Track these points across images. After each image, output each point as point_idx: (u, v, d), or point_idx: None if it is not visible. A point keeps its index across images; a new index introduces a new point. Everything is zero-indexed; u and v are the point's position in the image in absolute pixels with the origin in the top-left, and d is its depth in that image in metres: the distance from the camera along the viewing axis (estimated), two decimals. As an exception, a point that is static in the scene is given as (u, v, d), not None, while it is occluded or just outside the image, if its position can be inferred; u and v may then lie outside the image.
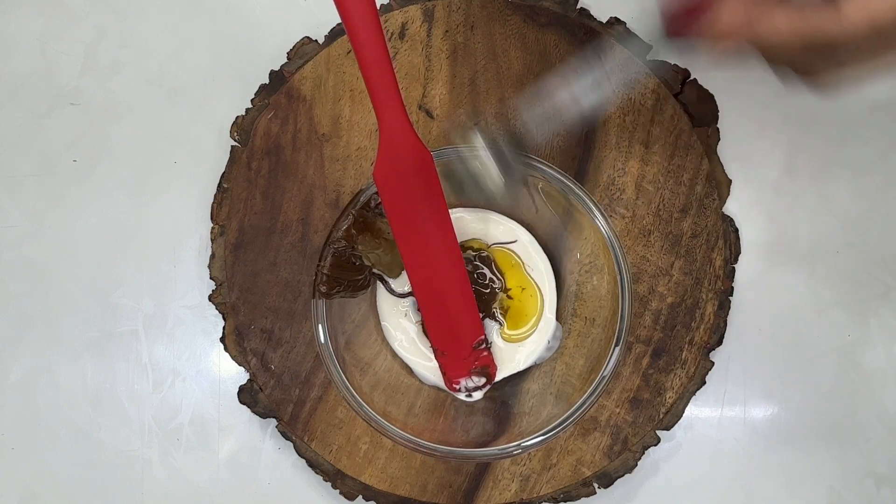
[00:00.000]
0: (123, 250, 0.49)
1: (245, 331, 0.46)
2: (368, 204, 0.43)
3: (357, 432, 0.46)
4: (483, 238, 0.47)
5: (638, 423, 0.46)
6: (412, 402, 0.46)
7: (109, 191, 0.49)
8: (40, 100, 0.49)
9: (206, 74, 0.49)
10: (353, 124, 0.47)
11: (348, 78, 0.47)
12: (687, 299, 0.46)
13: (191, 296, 0.48)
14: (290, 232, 0.47)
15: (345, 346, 0.45)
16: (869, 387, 0.48)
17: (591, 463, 0.46)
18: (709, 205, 0.47)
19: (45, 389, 0.48)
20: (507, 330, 0.46)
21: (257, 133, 0.47)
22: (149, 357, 0.48)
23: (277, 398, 0.46)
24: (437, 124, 0.47)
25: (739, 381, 0.48)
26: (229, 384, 0.48)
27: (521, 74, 0.47)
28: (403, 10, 0.47)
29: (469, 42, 0.47)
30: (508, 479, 0.46)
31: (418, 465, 0.46)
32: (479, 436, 0.45)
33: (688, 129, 0.46)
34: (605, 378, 0.42)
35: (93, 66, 0.50)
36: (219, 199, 0.47)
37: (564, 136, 0.47)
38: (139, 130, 0.49)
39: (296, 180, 0.47)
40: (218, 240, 0.47)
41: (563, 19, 0.47)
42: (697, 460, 0.48)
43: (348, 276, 0.45)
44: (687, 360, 0.46)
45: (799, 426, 0.48)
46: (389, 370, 0.46)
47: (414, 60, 0.47)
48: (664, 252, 0.46)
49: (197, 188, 0.48)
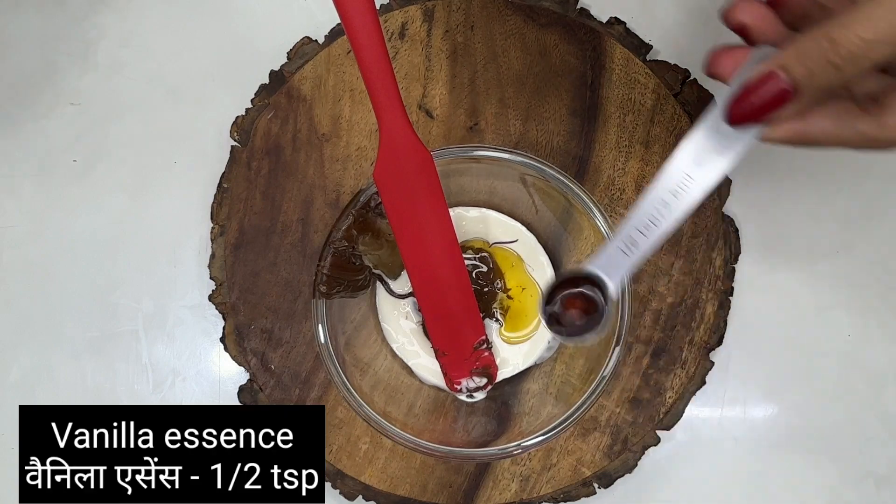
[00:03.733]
0: (123, 250, 0.49)
1: (245, 331, 0.46)
2: (368, 204, 0.43)
3: (357, 432, 0.46)
4: (483, 238, 0.47)
5: (638, 423, 0.46)
6: (412, 402, 0.46)
7: (109, 191, 0.49)
8: (40, 100, 0.49)
9: (206, 74, 0.49)
10: (353, 124, 0.47)
11: (348, 78, 0.47)
12: (687, 299, 0.46)
13: (191, 296, 0.48)
14: (290, 232, 0.47)
15: (345, 346, 0.45)
16: (869, 387, 0.48)
17: (591, 463, 0.46)
18: (709, 205, 0.47)
19: (45, 389, 0.48)
20: (508, 330, 0.46)
21: (257, 133, 0.47)
22: (149, 357, 0.48)
23: (277, 398, 0.46)
24: (437, 124, 0.47)
25: (739, 381, 0.48)
26: (229, 384, 0.48)
27: (521, 74, 0.47)
28: (403, 10, 0.47)
29: (469, 42, 0.47)
30: (508, 479, 0.46)
31: (418, 465, 0.46)
32: (479, 436, 0.45)
33: (688, 129, 0.46)
34: (605, 378, 0.42)
35: (93, 66, 0.50)
36: (219, 199, 0.47)
37: (564, 135, 0.47)
38: (139, 130, 0.49)
39: (296, 180, 0.47)
40: (218, 240, 0.47)
41: (563, 19, 0.47)
42: (697, 460, 0.48)
43: (348, 276, 0.45)
44: (687, 360, 0.46)
45: (799, 426, 0.48)
46: (389, 370, 0.46)
47: (414, 60, 0.47)
48: (664, 252, 0.46)
49: (197, 188, 0.48)
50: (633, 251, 0.32)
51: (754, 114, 0.29)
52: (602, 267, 0.33)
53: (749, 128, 0.30)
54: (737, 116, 0.30)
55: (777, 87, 0.28)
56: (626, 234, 0.32)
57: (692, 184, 0.31)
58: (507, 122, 0.47)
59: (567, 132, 0.47)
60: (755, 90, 0.29)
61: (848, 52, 0.26)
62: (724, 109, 0.30)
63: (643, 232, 0.32)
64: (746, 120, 0.30)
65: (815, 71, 0.27)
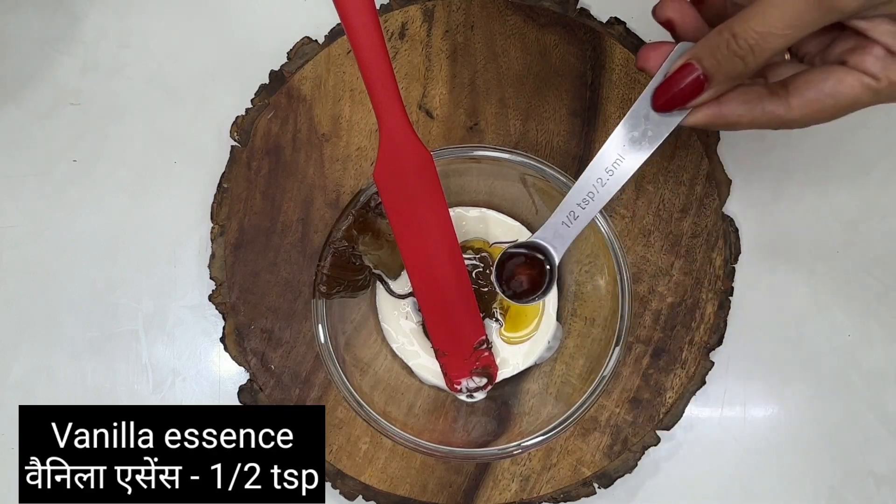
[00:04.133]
0: (123, 250, 0.49)
1: (245, 331, 0.46)
2: (368, 204, 0.43)
3: (357, 432, 0.46)
4: (483, 238, 0.47)
5: (638, 423, 0.46)
6: (412, 402, 0.46)
7: (109, 191, 0.49)
8: (40, 100, 0.49)
9: (206, 74, 0.49)
10: (353, 124, 0.47)
11: (348, 78, 0.47)
12: (687, 299, 0.46)
13: (191, 296, 0.48)
14: (290, 232, 0.47)
15: (345, 346, 0.45)
16: (869, 387, 0.48)
17: (591, 463, 0.46)
18: (709, 205, 0.47)
19: (45, 389, 0.48)
20: (507, 330, 0.46)
21: (257, 133, 0.47)
22: (149, 357, 0.48)
23: (277, 398, 0.46)
24: (437, 124, 0.47)
25: (739, 381, 0.48)
26: (229, 384, 0.48)
27: (521, 74, 0.47)
28: (403, 10, 0.47)
29: (469, 42, 0.47)
30: (508, 479, 0.46)
31: (418, 465, 0.46)
32: (479, 436, 0.45)
33: (687, 129, 0.46)
34: (605, 378, 0.42)
35: (93, 66, 0.50)
36: (219, 199, 0.47)
37: (564, 135, 0.47)
38: (139, 130, 0.49)
39: (296, 180, 0.47)
40: (218, 240, 0.47)
41: (563, 19, 0.47)
42: (697, 460, 0.48)
43: (348, 276, 0.45)
44: (687, 360, 0.46)
45: (799, 426, 0.48)
46: (389, 370, 0.46)
47: (414, 60, 0.47)
48: (664, 252, 0.46)
49: (197, 188, 0.48)
50: (573, 223, 0.37)
51: (675, 100, 0.33)
52: (547, 238, 0.38)
53: (673, 113, 0.33)
54: (661, 103, 0.33)
55: (692, 76, 0.32)
56: (567, 209, 0.36)
57: (623, 163, 0.35)
58: (507, 122, 0.47)
59: (567, 132, 0.47)
60: (675, 80, 0.33)
61: (746, 44, 0.30)
62: (650, 97, 0.34)
63: (582, 206, 0.36)
64: (669, 106, 0.33)
65: (722, 61, 0.31)
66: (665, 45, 0.34)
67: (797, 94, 0.32)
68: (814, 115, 0.32)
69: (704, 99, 0.33)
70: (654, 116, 0.34)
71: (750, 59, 0.30)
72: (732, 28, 0.30)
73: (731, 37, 0.30)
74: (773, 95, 0.32)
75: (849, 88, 0.31)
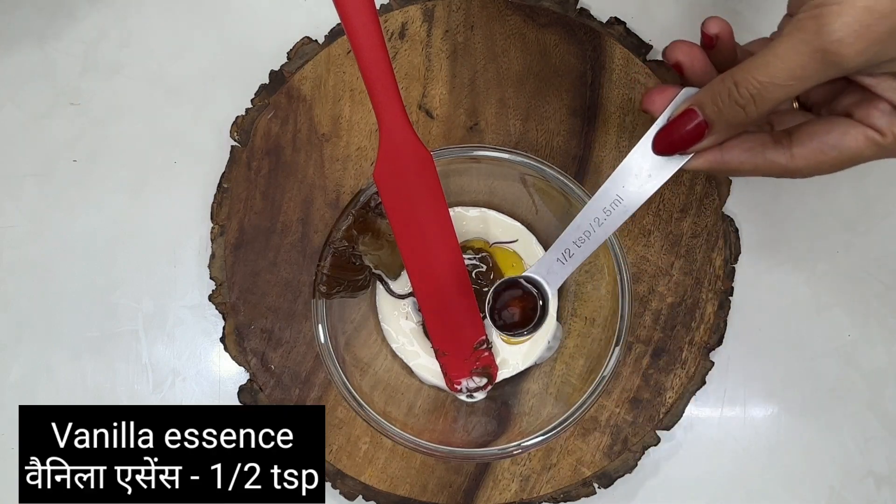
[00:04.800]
0: (123, 250, 0.49)
1: (245, 331, 0.46)
2: (368, 204, 0.43)
3: (357, 432, 0.46)
4: (483, 238, 0.47)
5: (638, 423, 0.46)
6: (412, 402, 0.46)
7: (109, 191, 0.49)
8: (40, 100, 0.49)
9: (206, 74, 0.49)
10: (353, 124, 0.47)
11: (348, 78, 0.47)
12: (687, 299, 0.46)
13: (191, 296, 0.48)
14: (290, 232, 0.47)
15: (345, 346, 0.45)
16: (869, 387, 0.48)
17: (591, 463, 0.46)
18: (709, 205, 0.47)
19: (45, 389, 0.48)
20: (507, 330, 0.46)
21: (257, 133, 0.47)
22: (149, 357, 0.48)
23: (277, 398, 0.46)
24: (437, 124, 0.47)
25: (739, 381, 0.48)
26: (229, 384, 0.48)
27: (521, 74, 0.47)
28: (403, 10, 0.47)
29: (469, 42, 0.47)
30: (508, 479, 0.46)
31: (418, 465, 0.46)
32: (479, 436, 0.45)
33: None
34: (605, 378, 0.42)
35: (93, 66, 0.50)
36: (219, 199, 0.47)
37: (564, 135, 0.47)
38: (139, 130, 0.49)
39: (296, 180, 0.47)
40: (218, 240, 0.47)
41: (563, 19, 0.47)
42: (697, 460, 0.48)
43: (348, 276, 0.45)
44: (687, 360, 0.46)
45: (799, 426, 0.48)
46: (389, 370, 0.46)
47: (414, 60, 0.47)
48: (664, 252, 0.46)
49: (197, 188, 0.48)
50: (568, 261, 0.37)
51: (676, 145, 0.33)
52: (542, 274, 0.38)
53: (674, 157, 0.34)
54: (661, 147, 0.34)
55: (694, 122, 0.32)
56: (563, 247, 0.36)
57: (621, 204, 0.35)
58: (507, 122, 0.47)
59: (567, 132, 0.47)
60: (676, 125, 0.33)
61: (747, 93, 0.30)
62: (652, 140, 0.34)
63: (577, 244, 0.36)
64: (670, 150, 0.33)
65: (724, 109, 0.31)
66: (671, 89, 0.34)
67: (801, 144, 0.32)
68: (816, 166, 0.32)
69: (705, 145, 0.33)
70: (656, 159, 0.34)
71: (751, 109, 0.30)
72: (735, 76, 0.30)
73: (733, 85, 0.30)
74: (777, 144, 0.33)
75: (853, 141, 0.31)
